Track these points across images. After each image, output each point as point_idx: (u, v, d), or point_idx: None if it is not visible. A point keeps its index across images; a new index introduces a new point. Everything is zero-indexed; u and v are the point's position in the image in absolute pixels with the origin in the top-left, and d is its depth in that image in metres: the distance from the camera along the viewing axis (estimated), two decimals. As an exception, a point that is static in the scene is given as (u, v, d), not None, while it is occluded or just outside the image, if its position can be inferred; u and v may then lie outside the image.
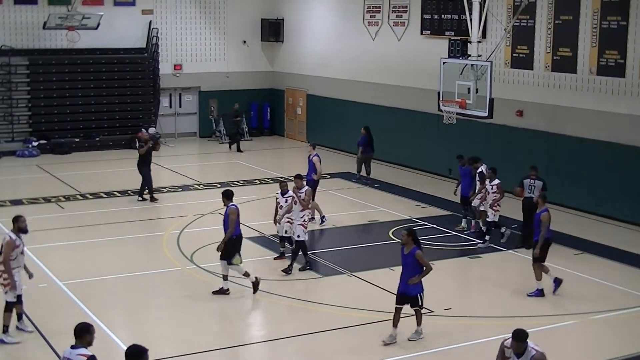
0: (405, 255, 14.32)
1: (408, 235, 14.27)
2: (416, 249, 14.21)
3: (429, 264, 14.34)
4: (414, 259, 14.21)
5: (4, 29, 33.66)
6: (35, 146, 33.37)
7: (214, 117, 37.56)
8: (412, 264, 14.25)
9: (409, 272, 14.31)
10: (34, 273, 17.78)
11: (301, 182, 19.03)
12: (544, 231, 17.11)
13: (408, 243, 14.28)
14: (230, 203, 17.13)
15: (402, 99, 30.67)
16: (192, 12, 37.16)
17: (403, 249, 14.38)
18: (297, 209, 18.60)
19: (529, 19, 25.29)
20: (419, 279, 14.26)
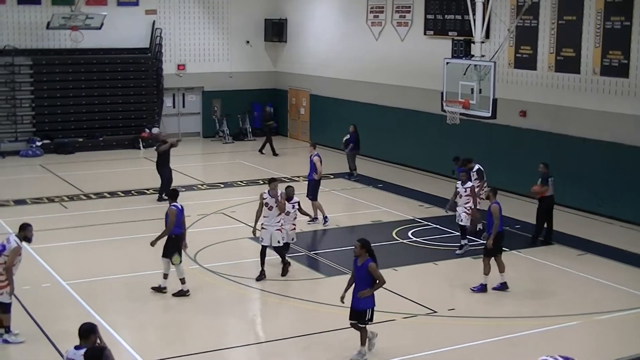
0: (359, 267, 13.57)
1: (362, 247, 13.51)
2: (370, 261, 13.46)
3: (383, 278, 13.57)
4: (367, 271, 13.46)
5: (7, 29, 33.70)
6: (39, 146, 33.41)
7: (217, 117, 37.57)
8: (365, 276, 13.51)
9: (361, 285, 13.59)
10: (38, 273, 17.87)
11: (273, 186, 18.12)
12: (497, 222, 17.30)
13: (361, 255, 13.53)
14: (173, 203, 17.20)
15: (405, 99, 30.66)
16: (195, 12, 37.17)
17: (356, 260, 13.63)
18: (273, 214, 17.96)
19: (532, 19, 25.28)
20: (370, 292, 13.54)
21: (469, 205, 19.87)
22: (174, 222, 16.91)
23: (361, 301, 13.58)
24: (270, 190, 18.00)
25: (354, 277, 13.71)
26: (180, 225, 17.10)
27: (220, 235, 21.49)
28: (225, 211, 23.96)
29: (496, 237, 17.41)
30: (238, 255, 19.80)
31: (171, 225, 16.91)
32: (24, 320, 15.46)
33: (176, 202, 17.23)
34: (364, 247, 13.52)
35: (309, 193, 22.77)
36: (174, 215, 16.90)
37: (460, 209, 20.00)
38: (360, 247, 13.52)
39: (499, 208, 17.45)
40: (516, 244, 20.70)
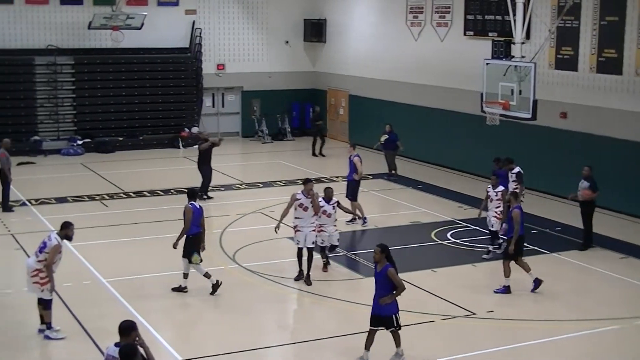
0: (378, 273, 13.41)
1: (382, 252, 13.31)
2: (389, 267, 13.28)
3: (402, 284, 13.39)
4: (386, 277, 13.27)
5: (50, 28, 34.06)
6: (80, 145, 33.72)
7: (256, 117, 37.68)
8: (384, 282, 13.32)
9: (381, 291, 13.39)
10: (79, 270, 18.02)
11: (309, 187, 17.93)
12: (517, 227, 17.27)
13: (381, 260, 13.34)
14: (190, 201, 17.24)
15: (444, 100, 30.56)
16: (234, 12, 37.31)
17: (376, 266, 13.49)
18: (308, 215, 17.81)
19: (573, 20, 25.07)
20: (391, 299, 13.32)
21: (500, 210, 19.57)
22: (190, 221, 16.95)
23: (384, 307, 13.40)
24: (304, 191, 17.84)
25: (375, 284, 13.56)
26: (198, 225, 17.14)
27: (258, 234, 21.54)
28: (264, 211, 24.03)
29: (516, 241, 17.35)
30: (276, 254, 19.85)
31: (188, 223, 16.95)
32: (65, 316, 15.62)
33: (194, 201, 17.27)
34: (383, 252, 13.33)
35: (348, 193, 22.74)
36: (190, 214, 16.96)
37: (490, 213, 19.77)
38: (380, 253, 13.32)
39: (520, 213, 17.41)
40: (556, 247, 20.58)
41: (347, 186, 22.91)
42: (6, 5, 33.30)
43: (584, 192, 20.32)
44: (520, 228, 17.40)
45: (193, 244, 17.08)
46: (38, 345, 14.67)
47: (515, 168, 21.21)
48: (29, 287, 14.80)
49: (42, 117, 34.06)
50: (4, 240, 21.00)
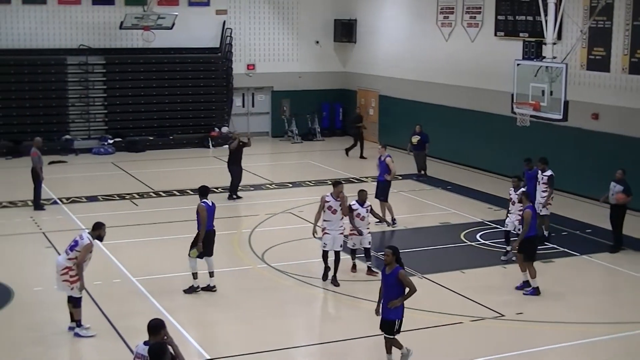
0: (387, 275, 13.15)
1: (393, 254, 13.10)
2: (400, 269, 13.05)
3: (414, 285, 13.12)
4: (397, 279, 13.00)
5: (82, 28, 34.29)
6: (111, 144, 33.93)
7: (286, 117, 37.72)
8: (395, 284, 13.05)
9: (390, 293, 13.13)
10: (109, 269, 18.13)
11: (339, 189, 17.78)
12: (526, 227, 17.22)
13: (391, 262, 13.11)
14: (202, 200, 17.28)
15: (474, 100, 30.45)
16: (265, 13, 37.38)
17: (384, 269, 13.23)
18: (337, 217, 17.71)
19: (606, 20, 24.88)
20: (401, 301, 13.08)
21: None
22: (205, 219, 17.03)
23: (391, 312, 13.13)
24: (333, 193, 17.72)
25: (383, 287, 13.32)
26: (211, 223, 17.25)
27: (287, 234, 21.58)
28: (293, 211, 24.06)
29: (526, 241, 17.28)
30: (305, 255, 19.85)
31: (204, 222, 17.01)
32: (94, 314, 15.72)
33: (206, 198, 17.34)
34: (395, 254, 13.13)
35: (379, 194, 22.62)
36: (204, 212, 17.02)
37: (513, 217, 19.41)
38: (391, 255, 13.10)
39: (532, 213, 17.31)
40: (587, 249, 20.43)
41: (378, 187, 22.82)
42: (39, 6, 33.57)
43: (618, 196, 20.05)
44: (531, 229, 17.30)
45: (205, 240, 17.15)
46: (68, 343, 14.78)
47: (547, 170, 20.98)
48: (59, 285, 14.91)
49: (74, 117, 34.31)
50: (35, 238, 21.18)
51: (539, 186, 20.93)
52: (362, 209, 18.16)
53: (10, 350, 14.42)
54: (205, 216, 17.03)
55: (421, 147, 28.96)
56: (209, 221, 17.18)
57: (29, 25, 33.59)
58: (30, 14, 33.54)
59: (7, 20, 33.25)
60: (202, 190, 17.61)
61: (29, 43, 33.65)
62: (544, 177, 20.94)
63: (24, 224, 22.53)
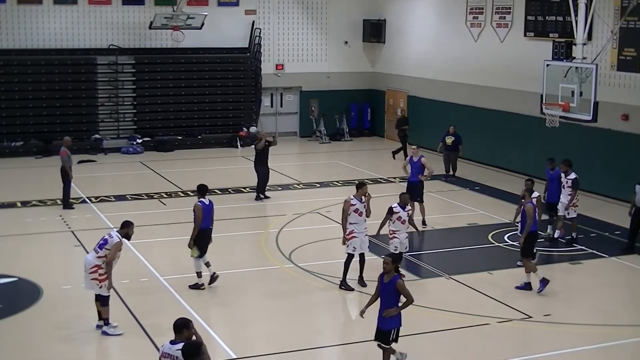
0: (385, 283, 12.85)
1: (393, 262, 12.87)
2: (398, 278, 12.78)
3: (411, 295, 12.82)
4: (395, 288, 12.74)
5: (112, 28, 34.49)
6: (140, 143, 34.09)
7: (314, 117, 37.75)
8: (392, 293, 12.79)
9: (387, 302, 12.88)
10: (136, 267, 18.21)
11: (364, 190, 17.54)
12: (530, 222, 17.24)
13: (390, 271, 12.82)
14: (200, 198, 17.46)
15: (503, 101, 30.31)
16: (294, 13, 37.42)
17: (383, 277, 12.92)
18: (362, 219, 17.47)
19: (637, 21, 24.67)
20: (397, 311, 12.83)
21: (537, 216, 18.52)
22: (200, 218, 17.16)
23: (387, 321, 12.90)
24: (357, 195, 17.45)
25: (379, 295, 13.03)
26: (208, 221, 17.37)
27: (315, 234, 21.59)
28: (321, 211, 24.07)
29: (528, 237, 17.30)
30: (332, 255, 19.82)
31: (199, 221, 17.16)
32: (122, 313, 15.81)
33: (203, 197, 17.48)
34: (394, 263, 12.92)
35: (415, 195, 22.09)
36: (199, 211, 17.17)
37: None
38: (391, 263, 12.84)
39: (533, 208, 17.37)
40: (616, 251, 20.28)
41: (412, 188, 22.27)
42: (70, 6, 33.80)
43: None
44: (532, 224, 17.31)
45: (198, 239, 17.25)
46: (96, 341, 14.87)
47: (571, 174, 20.71)
48: (87, 283, 15.00)
49: (103, 116, 34.52)
50: (64, 237, 21.33)
51: (563, 189, 20.74)
52: (403, 212, 17.79)
53: (39, 348, 14.54)
54: (201, 215, 17.20)
55: (454, 148, 28.87)
56: (206, 220, 17.33)
57: (59, 26, 33.84)
58: (61, 14, 33.79)
59: (39, 20, 33.52)
60: (200, 188, 17.81)
61: (60, 43, 33.89)
62: (568, 181, 20.68)
63: (53, 223, 22.69)
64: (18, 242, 21.02)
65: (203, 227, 17.27)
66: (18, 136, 33.04)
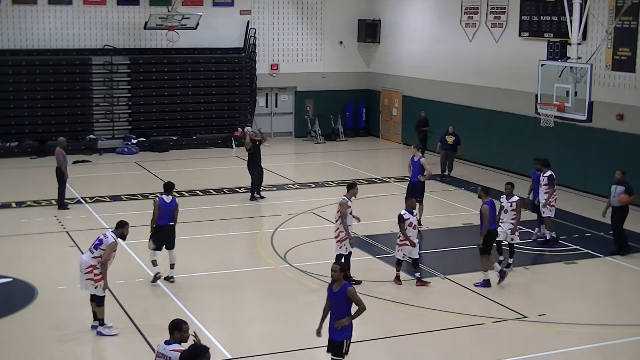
0: (335, 293, 12.26)
1: (341, 270, 12.31)
2: (348, 286, 12.23)
3: (363, 303, 12.27)
4: (345, 297, 12.16)
5: (107, 29, 34.47)
6: (135, 144, 34.07)
7: (309, 117, 37.74)
8: (343, 303, 12.21)
9: (338, 312, 12.26)
10: (131, 268, 18.19)
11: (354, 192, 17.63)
12: (486, 222, 17.42)
13: (339, 279, 12.27)
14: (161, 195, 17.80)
15: (498, 101, 30.33)
16: (289, 13, 37.42)
17: (332, 286, 12.36)
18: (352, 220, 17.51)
19: (631, 20, 24.71)
20: (349, 321, 12.22)
21: (515, 221, 18.62)
22: (157, 214, 17.45)
23: (339, 331, 12.29)
24: (348, 195, 17.43)
25: (329, 305, 12.47)
26: (165, 218, 17.55)
27: (310, 234, 21.58)
28: (316, 211, 24.06)
29: (486, 236, 17.48)
30: (327, 255, 19.80)
31: (155, 216, 17.45)
32: (117, 313, 15.79)
33: (167, 194, 17.77)
34: (342, 271, 12.35)
35: (416, 195, 22.07)
36: (156, 207, 17.49)
37: (505, 226, 18.71)
38: (339, 271, 12.27)
39: (489, 208, 17.59)
40: (611, 251, 20.27)
41: (412, 188, 22.30)
42: (65, 6, 33.77)
43: (622, 197, 19.71)
44: (491, 223, 17.53)
45: (155, 233, 17.52)
46: (91, 341, 14.86)
47: (547, 172, 20.68)
48: (82, 283, 14.99)
49: (98, 116, 34.49)
50: (59, 237, 21.31)
51: (540, 187, 20.72)
52: (413, 217, 17.74)
53: (34, 348, 14.52)
54: (157, 211, 17.41)
55: (454, 147, 28.84)
56: (164, 216, 17.50)
57: (54, 26, 33.82)
58: (56, 14, 33.76)
59: (33, 21, 33.48)
60: (165, 185, 18.12)
61: (55, 43, 33.87)
62: (544, 179, 20.65)
63: (48, 223, 22.67)
64: (13, 242, 21.00)
65: (161, 224, 17.48)
66: (13, 136, 33.01)
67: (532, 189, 21.37)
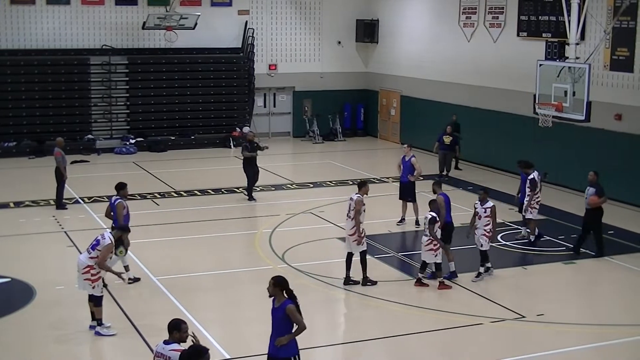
0: (275, 309, 11.37)
1: (275, 285, 11.32)
2: (288, 303, 11.26)
3: (303, 323, 11.32)
4: (285, 314, 11.25)
5: (105, 29, 34.47)
6: (133, 143, 34.05)
7: (307, 117, 37.74)
8: (283, 319, 11.29)
9: (278, 329, 11.35)
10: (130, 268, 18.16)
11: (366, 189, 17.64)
12: (443, 212, 18.06)
13: (277, 294, 11.34)
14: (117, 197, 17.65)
15: (497, 101, 30.33)
16: (287, 13, 37.41)
17: (273, 301, 11.43)
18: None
19: (630, 20, 24.72)
20: (288, 340, 11.24)
21: (489, 228, 18.11)
22: (122, 215, 17.31)
23: (282, 348, 11.33)
24: (361, 193, 17.46)
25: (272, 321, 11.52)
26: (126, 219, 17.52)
27: (308, 235, 21.58)
28: (314, 211, 24.05)
29: (444, 227, 17.88)
30: (325, 255, 19.86)
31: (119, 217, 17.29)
32: (115, 313, 15.79)
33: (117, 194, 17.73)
34: (277, 285, 11.34)
35: (407, 195, 22.18)
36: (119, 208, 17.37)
37: (479, 232, 18.37)
38: (273, 286, 11.34)
39: (445, 199, 18.19)
40: (609, 251, 20.26)
41: (403, 188, 22.40)
42: (63, 6, 33.77)
43: (592, 199, 19.62)
44: (446, 214, 18.06)
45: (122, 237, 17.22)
46: (89, 341, 14.85)
47: (531, 174, 20.56)
48: (80, 283, 14.98)
49: (96, 116, 34.48)
50: (57, 238, 21.30)
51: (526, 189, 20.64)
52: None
53: (32, 348, 14.51)
54: (121, 213, 17.37)
55: (452, 147, 28.77)
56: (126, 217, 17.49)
57: (52, 26, 33.81)
58: (54, 14, 33.75)
59: (31, 21, 33.47)
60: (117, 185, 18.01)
61: (53, 43, 33.86)
62: (527, 181, 20.55)
63: (46, 223, 22.66)
64: (11, 242, 20.99)
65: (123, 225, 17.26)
66: (11, 136, 33.00)
67: (521, 189, 21.33)
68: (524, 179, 20.94)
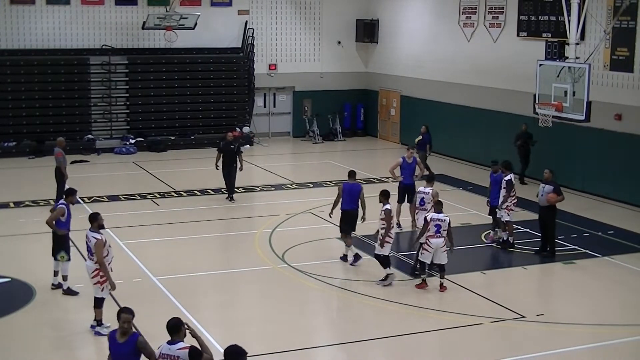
0: (120, 344, 10.37)
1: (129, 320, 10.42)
2: (137, 336, 10.41)
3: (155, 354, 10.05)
4: (136, 349, 10.24)
5: (105, 29, 34.48)
6: (133, 143, 34.05)
7: (307, 117, 37.75)
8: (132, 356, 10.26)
9: None
10: (129, 268, 18.19)
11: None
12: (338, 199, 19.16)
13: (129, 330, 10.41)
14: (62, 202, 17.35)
15: (497, 101, 30.34)
16: (287, 13, 37.42)
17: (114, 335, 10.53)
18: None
19: (629, 20, 24.72)
20: None
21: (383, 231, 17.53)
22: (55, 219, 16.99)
23: None
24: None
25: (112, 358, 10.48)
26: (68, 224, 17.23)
27: (308, 234, 21.58)
28: (314, 211, 24.05)
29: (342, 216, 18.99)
30: (325, 255, 19.85)
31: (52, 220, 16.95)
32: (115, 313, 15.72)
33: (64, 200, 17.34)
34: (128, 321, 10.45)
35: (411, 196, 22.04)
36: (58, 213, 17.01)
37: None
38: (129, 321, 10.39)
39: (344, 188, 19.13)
40: (609, 251, 20.29)
41: (406, 189, 22.06)
42: (63, 6, 33.78)
43: (550, 196, 19.47)
44: (343, 204, 18.96)
45: (63, 242, 17.12)
46: (90, 341, 14.84)
47: (507, 175, 20.29)
48: (93, 289, 14.98)
49: (96, 116, 34.48)
50: (57, 237, 21.26)
51: (501, 191, 20.35)
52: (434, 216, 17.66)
53: (32, 348, 14.50)
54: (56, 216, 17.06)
55: (422, 148, 28.23)
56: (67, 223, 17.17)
57: (52, 26, 33.81)
58: (54, 14, 33.76)
59: (31, 21, 33.49)
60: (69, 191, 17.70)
61: (53, 43, 33.87)
62: (504, 182, 20.27)
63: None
64: (11, 242, 21.00)
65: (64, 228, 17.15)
66: (11, 136, 32.98)
67: (490, 191, 21.07)
68: (497, 180, 20.55)
